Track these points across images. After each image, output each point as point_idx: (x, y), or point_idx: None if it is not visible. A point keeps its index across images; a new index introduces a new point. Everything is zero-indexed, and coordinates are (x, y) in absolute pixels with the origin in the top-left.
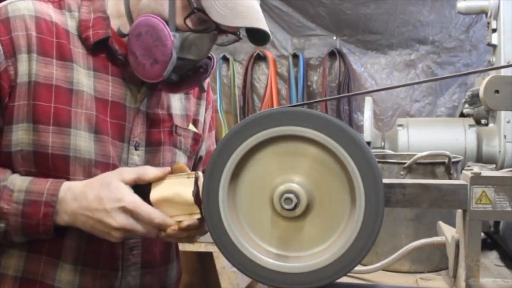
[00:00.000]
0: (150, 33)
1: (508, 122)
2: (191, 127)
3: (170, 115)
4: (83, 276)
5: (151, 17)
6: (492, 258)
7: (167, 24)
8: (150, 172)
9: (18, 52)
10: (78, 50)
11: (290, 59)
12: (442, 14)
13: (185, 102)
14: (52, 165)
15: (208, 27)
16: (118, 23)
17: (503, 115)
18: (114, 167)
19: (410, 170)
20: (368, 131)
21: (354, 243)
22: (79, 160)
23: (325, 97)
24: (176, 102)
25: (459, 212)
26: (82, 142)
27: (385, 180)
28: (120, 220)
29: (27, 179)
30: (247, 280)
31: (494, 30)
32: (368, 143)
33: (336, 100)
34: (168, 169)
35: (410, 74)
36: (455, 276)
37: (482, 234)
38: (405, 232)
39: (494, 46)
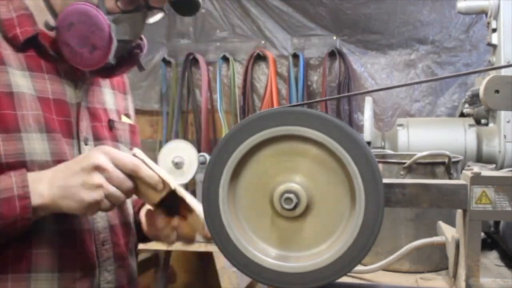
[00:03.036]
0: (83, 21)
1: (508, 122)
2: (124, 119)
3: (105, 110)
4: (62, 281)
5: (80, 5)
6: (492, 258)
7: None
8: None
9: None
10: (7, 52)
11: (290, 59)
12: (442, 14)
13: (113, 97)
14: None
15: (138, 6)
16: (41, 18)
17: (503, 115)
18: None
19: (410, 170)
20: (368, 131)
21: (354, 243)
22: (36, 164)
23: (325, 97)
24: (109, 97)
25: (459, 212)
26: (36, 144)
27: (385, 180)
28: (96, 178)
29: None
30: (247, 280)
31: (494, 30)
32: (368, 143)
33: (336, 100)
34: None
35: (410, 74)
36: (455, 276)
37: (482, 234)
38: (405, 232)
39: (494, 46)
